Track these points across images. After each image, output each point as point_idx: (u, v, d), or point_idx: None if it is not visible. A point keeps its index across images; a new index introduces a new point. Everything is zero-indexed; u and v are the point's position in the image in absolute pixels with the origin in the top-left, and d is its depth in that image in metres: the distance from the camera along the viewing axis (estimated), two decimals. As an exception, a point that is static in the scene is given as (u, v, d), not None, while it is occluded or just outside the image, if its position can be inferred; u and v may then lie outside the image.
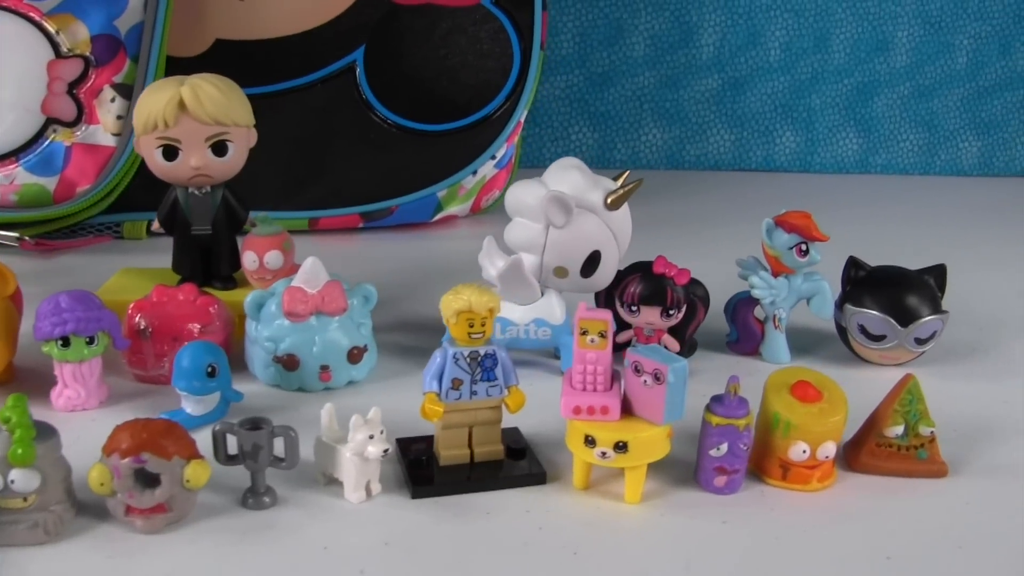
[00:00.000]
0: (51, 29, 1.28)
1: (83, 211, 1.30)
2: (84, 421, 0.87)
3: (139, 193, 1.32)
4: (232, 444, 0.75)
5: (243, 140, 1.01)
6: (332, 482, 0.77)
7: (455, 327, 0.76)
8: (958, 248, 1.45)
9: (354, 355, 0.94)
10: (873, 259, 1.05)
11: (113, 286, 1.07)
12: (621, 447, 0.75)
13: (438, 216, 1.43)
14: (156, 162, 0.99)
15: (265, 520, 0.74)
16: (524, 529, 0.73)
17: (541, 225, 0.93)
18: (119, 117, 1.30)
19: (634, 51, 1.78)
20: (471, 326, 0.76)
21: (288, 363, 0.92)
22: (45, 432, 0.71)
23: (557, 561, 0.70)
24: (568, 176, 0.94)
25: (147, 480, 0.70)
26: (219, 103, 0.98)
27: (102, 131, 1.30)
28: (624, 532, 0.74)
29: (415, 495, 0.77)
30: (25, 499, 0.70)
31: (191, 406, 0.86)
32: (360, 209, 1.39)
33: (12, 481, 0.69)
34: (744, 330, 1.05)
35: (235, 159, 1.01)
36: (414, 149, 1.38)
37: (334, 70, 1.38)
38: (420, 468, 0.79)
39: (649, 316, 0.97)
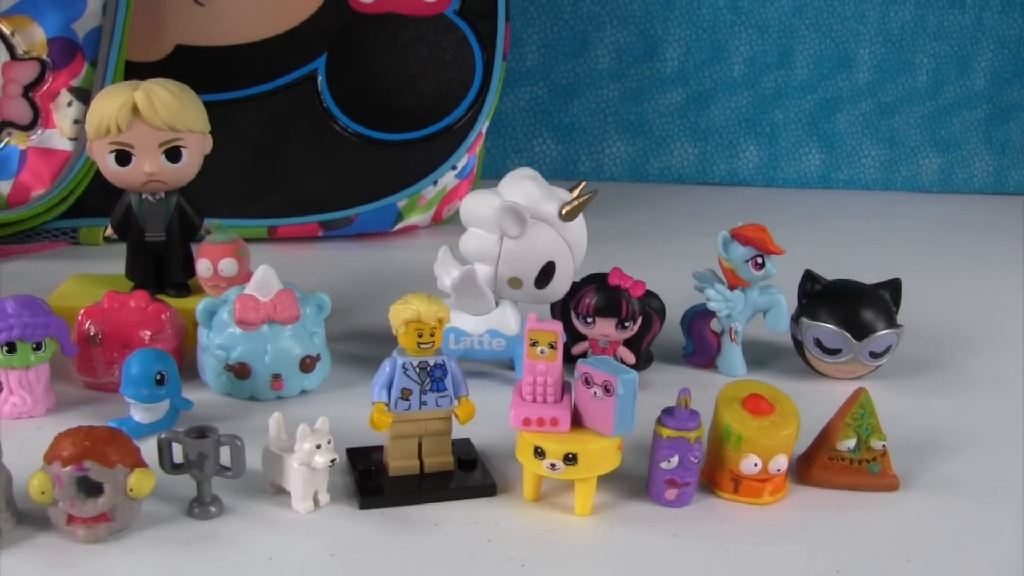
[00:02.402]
0: (6, 31, 1.27)
1: (38, 216, 1.29)
2: (29, 429, 0.86)
3: (96, 198, 1.31)
4: (178, 453, 0.74)
5: (197, 146, 1.00)
6: (280, 492, 0.77)
7: (404, 337, 0.76)
8: (916, 263, 1.46)
9: (307, 364, 0.93)
10: (833, 274, 1.06)
11: (64, 292, 1.06)
12: (570, 459, 0.74)
13: (398, 226, 1.42)
14: (109, 167, 0.98)
15: (210, 530, 0.73)
16: (472, 541, 0.73)
17: (495, 235, 0.93)
18: (76, 121, 1.29)
19: (599, 64, 1.78)
20: (420, 336, 0.75)
21: (240, 371, 0.91)
22: (-16, 440, 0.70)
23: (504, 574, 0.69)
24: (523, 186, 0.93)
25: (89, 489, 0.69)
26: (173, 108, 0.97)
27: (58, 135, 1.28)
28: (573, 545, 0.73)
29: (363, 506, 0.76)
30: (-37, 508, 0.69)
31: (139, 414, 0.85)
32: (320, 218, 1.38)
33: (-49, 490, 0.68)
34: (700, 343, 1.05)
35: (189, 165, 1.00)
36: (374, 158, 1.38)
37: (296, 78, 1.37)
38: (369, 479, 0.78)
39: (604, 328, 0.97)
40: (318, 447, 0.73)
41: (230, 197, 1.35)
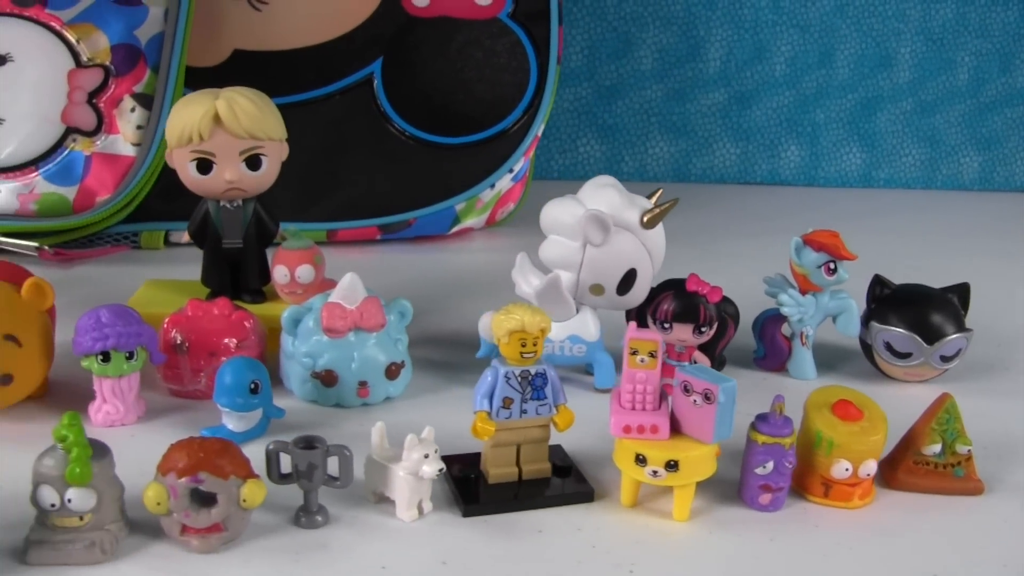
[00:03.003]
0: (71, 38, 1.28)
1: (102, 221, 1.30)
2: (123, 437, 0.87)
3: (157, 203, 1.33)
4: (285, 463, 0.75)
5: (276, 154, 1.01)
6: (382, 500, 0.78)
7: (507, 347, 0.77)
8: (965, 262, 1.46)
9: (392, 371, 0.94)
10: (881, 273, 1.07)
11: (141, 299, 1.06)
12: (672, 466, 0.75)
13: (455, 228, 1.43)
14: (190, 175, 0.99)
15: (318, 539, 0.74)
16: (577, 547, 0.74)
17: (578, 243, 0.94)
18: (139, 127, 1.29)
19: (642, 64, 1.79)
20: (523, 345, 0.76)
21: (326, 379, 0.92)
22: (100, 451, 0.71)
23: (613, 579, 0.71)
24: (605, 195, 0.94)
25: (203, 499, 0.70)
26: (254, 117, 0.98)
27: (122, 141, 1.29)
28: (677, 549, 0.75)
29: (466, 513, 0.77)
30: (81, 518, 0.70)
31: (233, 422, 0.86)
32: (379, 221, 1.39)
33: (69, 500, 0.69)
34: (772, 347, 1.06)
35: (268, 173, 1.01)
36: (432, 162, 1.39)
37: (352, 82, 1.38)
38: (469, 486, 0.79)
39: (681, 333, 0.98)
40: (426, 456, 0.74)
41: (289, 201, 1.35)
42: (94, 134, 1.29)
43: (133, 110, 1.29)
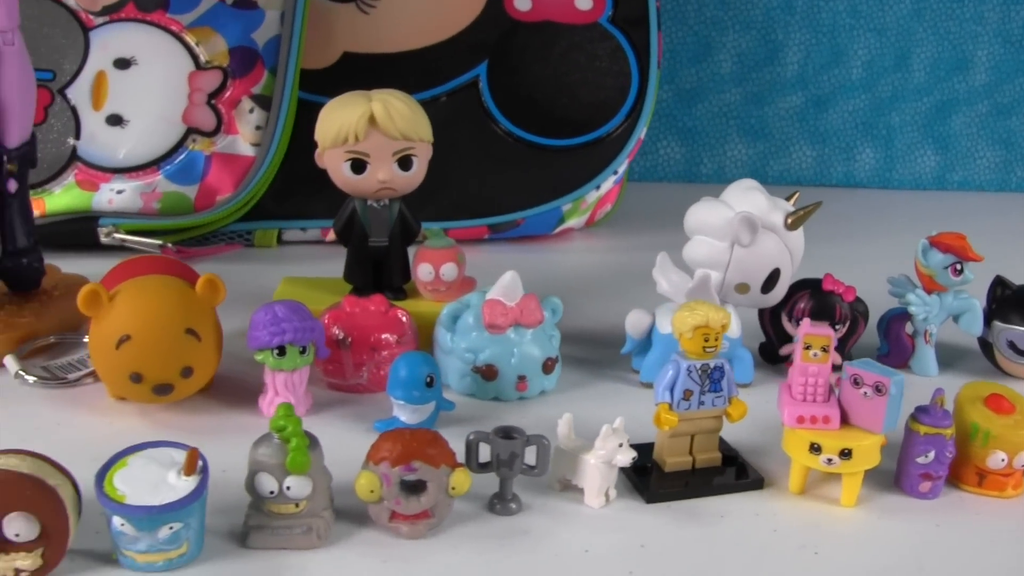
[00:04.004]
0: (191, 42, 1.31)
1: (222, 219, 1.33)
2: None
3: (270, 202, 1.36)
4: (484, 452, 0.79)
5: (425, 154, 1.05)
6: (567, 488, 0.81)
7: (690, 341, 0.80)
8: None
9: (548, 366, 0.97)
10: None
11: (283, 295, 1.09)
12: (846, 454, 0.79)
13: (558, 229, 1.46)
14: (343, 175, 1.02)
15: (517, 525, 0.77)
16: (760, 530, 0.78)
17: (725, 244, 0.98)
18: (257, 128, 1.33)
19: (721, 68, 1.81)
20: (706, 340, 0.80)
21: (487, 373, 0.96)
22: (313, 441, 0.75)
23: (801, 560, 0.75)
24: (751, 197, 0.98)
25: (414, 488, 0.74)
26: (408, 118, 1.01)
27: (241, 141, 1.33)
28: (853, 533, 0.79)
29: (649, 500, 0.81)
30: (297, 505, 0.73)
31: (407, 415, 0.89)
32: (488, 221, 1.42)
33: (288, 487, 0.72)
34: (896, 344, 1.09)
35: (418, 173, 1.05)
36: (538, 163, 1.42)
37: (458, 84, 1.42)
38: (645, 474, 0.83)
39: (817, 330, 1.02)
40: (620, 446, 0.78)
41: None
42: (213, 134, 1.33)
43: (252, 111, 1.33)
